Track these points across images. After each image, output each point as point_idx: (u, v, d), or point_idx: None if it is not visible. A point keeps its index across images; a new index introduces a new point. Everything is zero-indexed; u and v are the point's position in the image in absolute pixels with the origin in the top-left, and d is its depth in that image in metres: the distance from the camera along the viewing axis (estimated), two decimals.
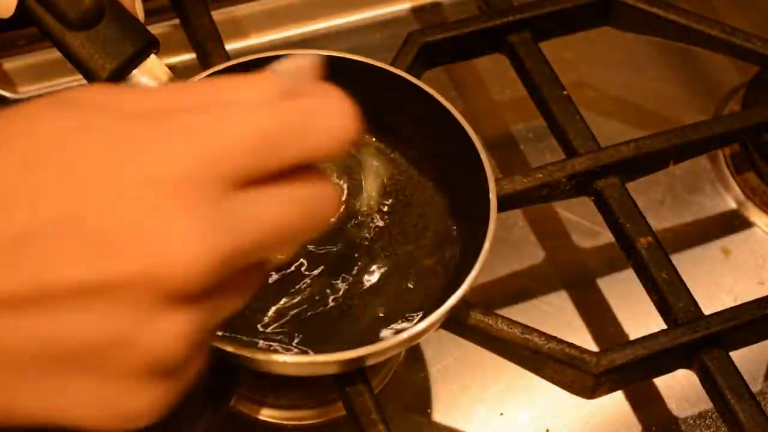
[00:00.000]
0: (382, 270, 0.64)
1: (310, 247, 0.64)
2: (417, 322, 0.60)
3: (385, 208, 0.67)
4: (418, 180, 0.68)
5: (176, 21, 0.80)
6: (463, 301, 0.64)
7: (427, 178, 0.68)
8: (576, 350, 0.63)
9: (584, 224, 0.78)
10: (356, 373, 0.62)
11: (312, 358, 0.59)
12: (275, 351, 0.60)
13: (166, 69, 0.66)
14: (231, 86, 0.43)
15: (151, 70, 0.65)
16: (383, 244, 0.66)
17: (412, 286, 0.64)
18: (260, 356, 0.57)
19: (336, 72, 0.66)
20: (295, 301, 0.62)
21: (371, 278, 0.64)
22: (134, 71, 0.65)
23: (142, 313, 0.38)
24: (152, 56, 0.65)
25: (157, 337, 0.38)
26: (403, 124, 0.68)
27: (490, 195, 0.63)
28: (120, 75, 0.64)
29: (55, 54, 0.67)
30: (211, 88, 0.44)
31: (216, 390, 0.61)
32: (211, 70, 0.67)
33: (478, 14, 0.81)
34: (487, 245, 0.61)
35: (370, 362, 0.61)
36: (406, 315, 0.62)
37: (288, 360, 0.58)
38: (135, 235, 0.37)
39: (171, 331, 0.38)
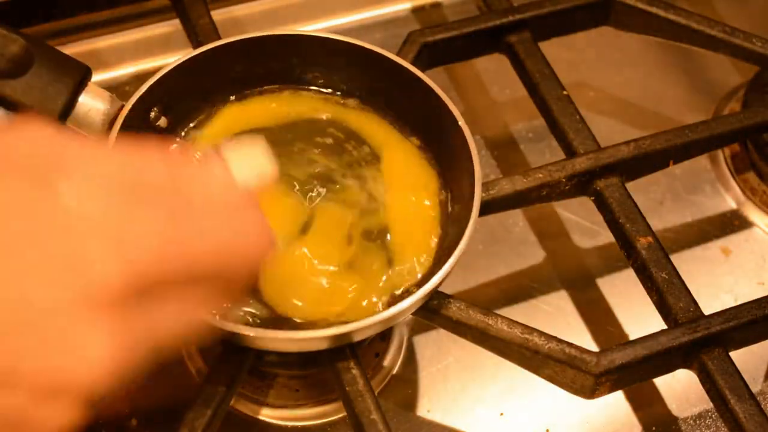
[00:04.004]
0: None
1: None
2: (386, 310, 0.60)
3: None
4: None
5: (176, 21, 0.80)
6: (463, 302, 0.64)
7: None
8: (576, 350, 0.63)
9: (584, 224, 0.78)
10: (356, 373, 0.62)
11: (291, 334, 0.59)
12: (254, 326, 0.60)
13: (106, 92, 0.66)
14: (184, 174, 0.45)
15: (95, 98, 0.65)
16: None
17: None
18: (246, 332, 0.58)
19: (346, 58, 0.68)
20: None
21: None
22: (78, 103, 0.65)
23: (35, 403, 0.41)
24: (90, 84, 0.66)
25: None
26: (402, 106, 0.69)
27: (475, 194, 0.63)
28: (68, 110, 0.65)
29: None
30: (168, 168, 0.45)
31: (216, 390, 0.61)
32: (202, 49, 0.68)
33: (478, 14, 0.81)
34: (466, 237, 0.61)
35: (356, 338, 0.62)
36: None
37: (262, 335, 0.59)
38: (43, 336, 0.41)
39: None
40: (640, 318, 0.73)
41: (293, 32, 0.69)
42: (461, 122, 0.65)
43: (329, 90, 0.71)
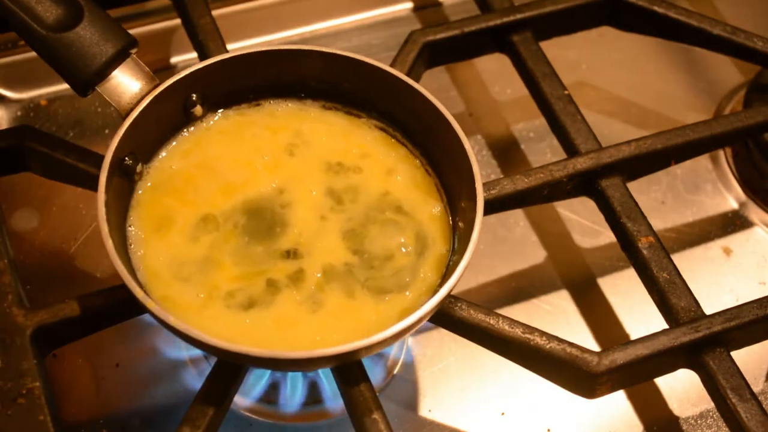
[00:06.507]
0: None
1: None
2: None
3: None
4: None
5: (177, 20, 0.80)
6: (465, 301, 0.64)
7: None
8: (577, 350, 0.63)
9: (585, 224, 0.78)
10: (357, 373, 0.62)
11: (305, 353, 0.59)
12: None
13: (147, 69, 0.65)
14: None
15: (133, 70, 0.65)
16: None
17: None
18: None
19: (341, 69, 0.68)
20: None
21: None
22: (115, 72, 0.65)
23: None
24: (132, 56, 0.65)
25: None
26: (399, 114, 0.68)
27: (477, 197, 0.62)
28: (100, 75, 0.64)
29: None
30: None
31: (217, 390, 0.61)
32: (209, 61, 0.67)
33: (479, 14, 0.81)
34: (467, 257, 0.60)
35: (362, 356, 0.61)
36: None
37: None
38: None
39: None
40: (641, 318, 0.73)
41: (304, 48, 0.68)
42: (461, 134, 0.64)
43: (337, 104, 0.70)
